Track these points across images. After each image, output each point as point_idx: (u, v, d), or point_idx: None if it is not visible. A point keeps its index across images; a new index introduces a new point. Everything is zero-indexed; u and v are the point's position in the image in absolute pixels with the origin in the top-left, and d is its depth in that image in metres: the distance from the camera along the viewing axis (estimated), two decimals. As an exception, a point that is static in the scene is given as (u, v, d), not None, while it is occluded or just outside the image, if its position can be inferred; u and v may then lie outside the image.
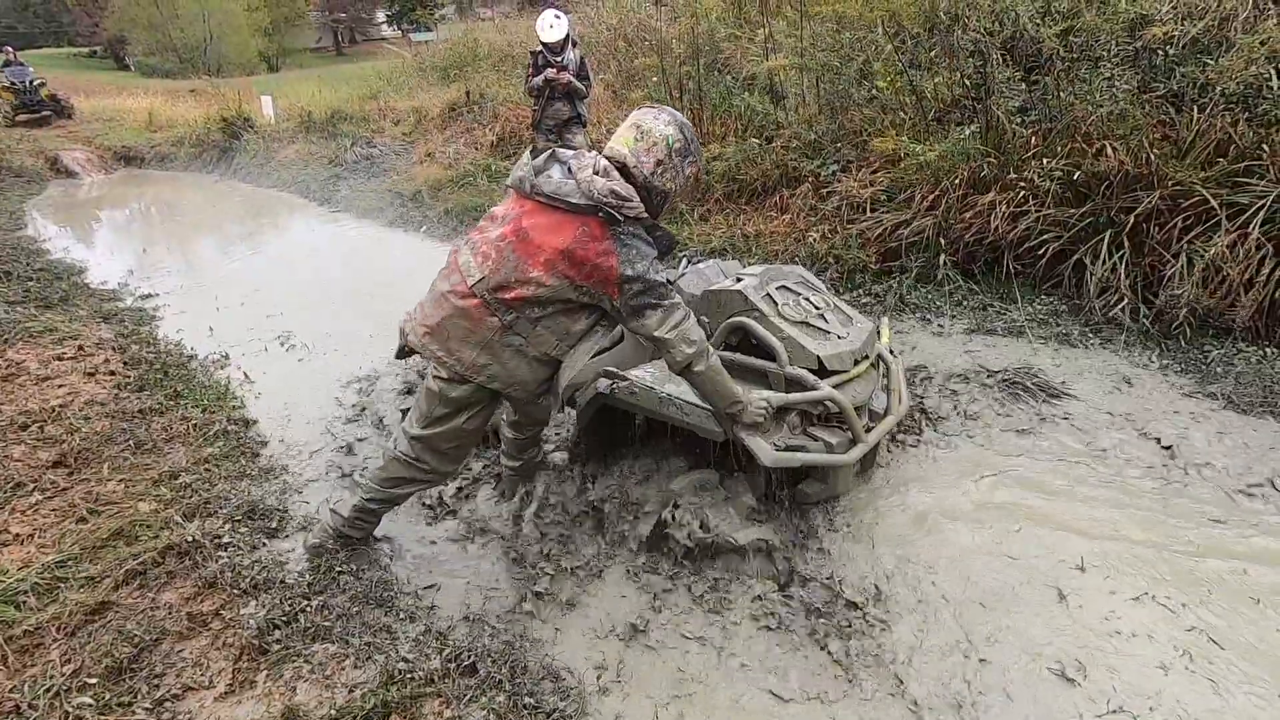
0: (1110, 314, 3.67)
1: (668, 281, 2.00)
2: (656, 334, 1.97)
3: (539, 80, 5.87)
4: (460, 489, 2.81)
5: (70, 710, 1.85)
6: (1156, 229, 3.66)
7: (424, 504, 2.73)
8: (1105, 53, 4.18)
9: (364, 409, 3.52)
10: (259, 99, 12.90)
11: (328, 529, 2.40)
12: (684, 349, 1.98)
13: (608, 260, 1.91)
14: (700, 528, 2.33)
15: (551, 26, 5.73)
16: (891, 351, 2.78)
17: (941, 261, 4.18)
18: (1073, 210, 3.88)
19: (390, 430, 3.29)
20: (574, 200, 1.90)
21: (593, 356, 2.27)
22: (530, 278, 1.95)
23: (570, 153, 2.02)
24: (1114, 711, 1.77)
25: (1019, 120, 4.38)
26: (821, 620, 2.11)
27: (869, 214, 4.63)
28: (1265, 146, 3.51)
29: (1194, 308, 3.44)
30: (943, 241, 4.22)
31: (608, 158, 1.99)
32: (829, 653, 2.00)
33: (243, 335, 4.53)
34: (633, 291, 1.93)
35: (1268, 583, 2.13)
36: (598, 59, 8.80)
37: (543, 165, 1.99)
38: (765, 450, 2.15)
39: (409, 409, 2.37)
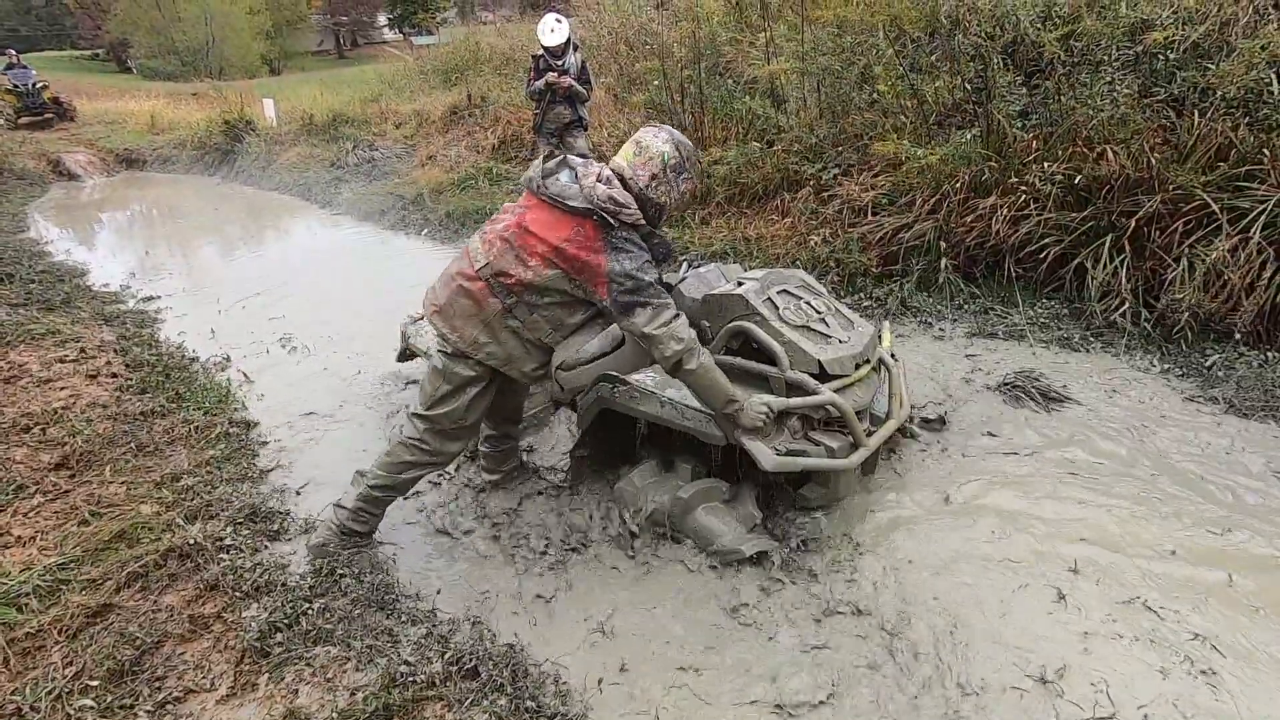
0: (1111, 318, 3.67)
1: (659, 282, 2.10)
2: (645, 330, 2.06)
3: (540, 84, 5.89)
4: (461, 493, 2.82)
5: (72, 713, 1.85)
6: (1157, 233, 3.66)
7: (425, 508, 2.74)
8: (1106, 57, 4.19)
9: (361, 410, 3.52)
10: (261, 102, 12.94)
11: (332, 525, 2.41)
12: (672, 345, 2.06)
13: (596, 259, 2.05)
14: (700, 531, 2.34)
15: (553, 30, 5.76)
16: (893, 355, 2.78)
17: (942, 265, 4.18)
18: (1074, 214, 3.89)
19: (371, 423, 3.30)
20: (574, 203, 2.05)
21: (594, 360, 2.28)
22: (528, 267, 2.10)
23: (581, 161, 2.16)
24: (1107, 717, 1.76)
25: (1020, 124, 4.39)
26: (819, 625, 2.11)
27: (870, 218, 4.64)
28: (1266, 151, 3.52)
29: (1195, 312, 3.45)
30: (944, 245, 4.23)
31: (612, 169, 2.14)
32: (826, 660, 2.00)
33: (244, 337, 4.54)
34: (621, 289, 2.05)
35: (1268, 588, 2.13)
36: (599, 63, 8.81)
37: (553, 169, 2.13)
38: (766, 455, 2.15)
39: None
